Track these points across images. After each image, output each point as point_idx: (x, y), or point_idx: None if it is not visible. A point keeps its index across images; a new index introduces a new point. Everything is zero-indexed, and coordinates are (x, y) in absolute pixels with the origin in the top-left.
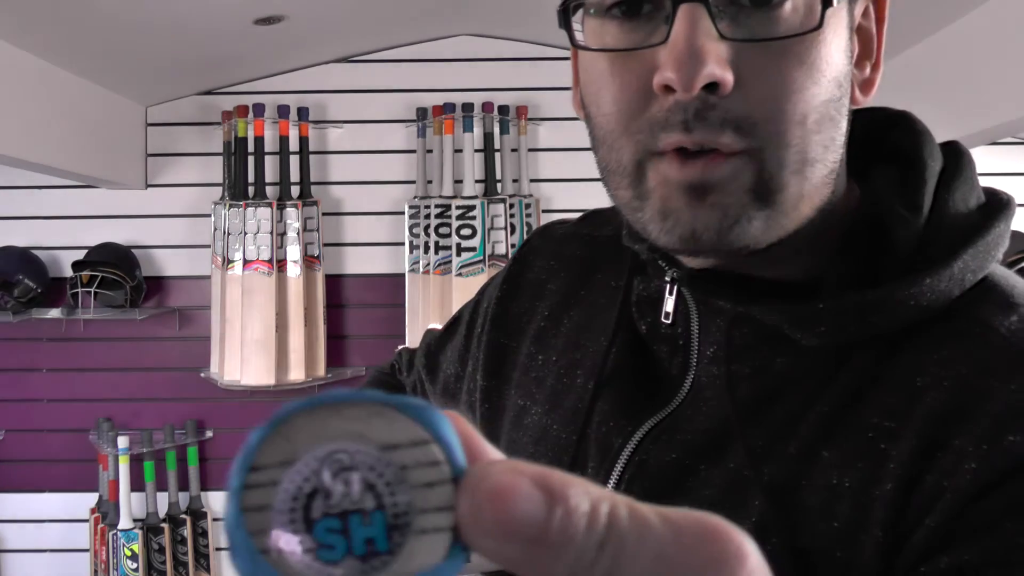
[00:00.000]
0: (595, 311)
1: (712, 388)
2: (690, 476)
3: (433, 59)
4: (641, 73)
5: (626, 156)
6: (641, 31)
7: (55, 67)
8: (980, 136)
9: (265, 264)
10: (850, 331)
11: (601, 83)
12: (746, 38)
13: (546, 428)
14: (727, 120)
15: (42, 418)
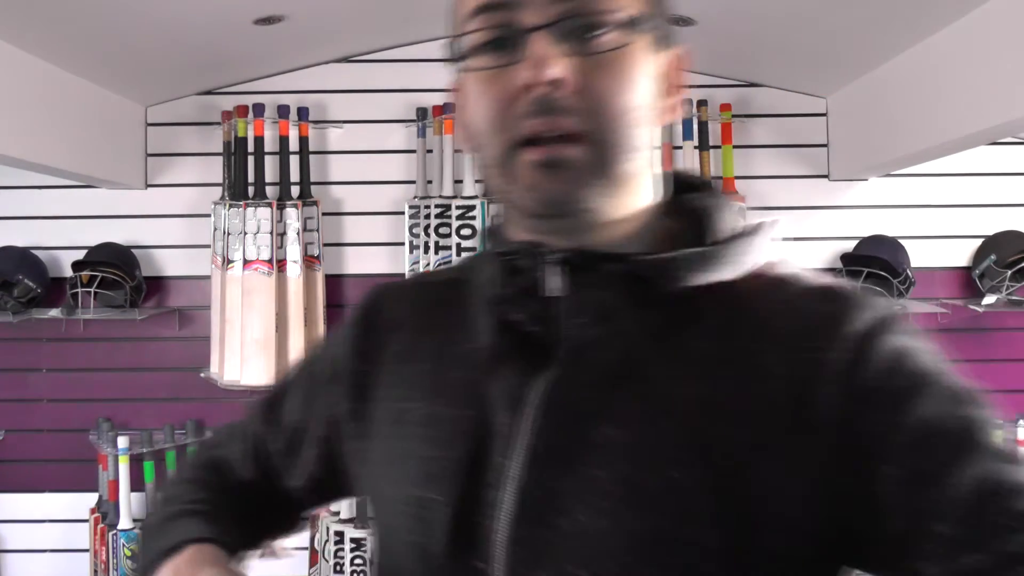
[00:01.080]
0: (457, 326)
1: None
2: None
3: (433, 59)
4: (507, 86)
5: (497, 150)
6: (505, 56)
7: (55, 67)
8: (980, 136)
9: (265, 264)
10: (697, 276)
11: (479, 104)
12: (577, 53)
13: (432, 413)
14: (569, 109)
15: (42, 418)
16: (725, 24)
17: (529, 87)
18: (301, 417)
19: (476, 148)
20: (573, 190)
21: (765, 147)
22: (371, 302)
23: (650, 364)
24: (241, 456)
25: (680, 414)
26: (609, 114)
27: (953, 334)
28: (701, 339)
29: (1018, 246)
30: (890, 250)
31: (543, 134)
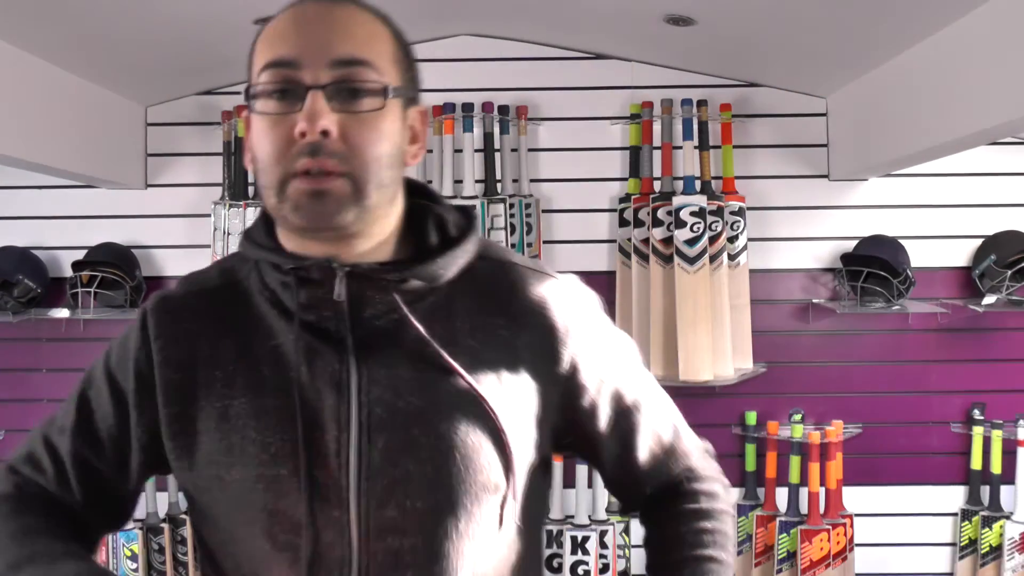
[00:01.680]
0: (250, 327)
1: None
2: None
3: (433, 59)
4: (286, 128)
5: (275, 177)
6: (287, 105)
7: (55, 67)
8: (980, 136)
9: None
10: (437, 275)
11: (263, 137)
12: (343, 111)
13: (262, 405)
14: (334, 153)
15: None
16: (725, 24)
17: (304, 133)
18: (119, 431)
19: (257, 172)
20: (332, 213)
21: (765, 147)
22: (160, 316)
23: (428, 343)
24: (57, 482)
25: (463, 375)
26: (363, 159)
27: (953, 334)
28: (463, 314)
29: (1018, 246)
30: (890, 250)
31: (312, 170)
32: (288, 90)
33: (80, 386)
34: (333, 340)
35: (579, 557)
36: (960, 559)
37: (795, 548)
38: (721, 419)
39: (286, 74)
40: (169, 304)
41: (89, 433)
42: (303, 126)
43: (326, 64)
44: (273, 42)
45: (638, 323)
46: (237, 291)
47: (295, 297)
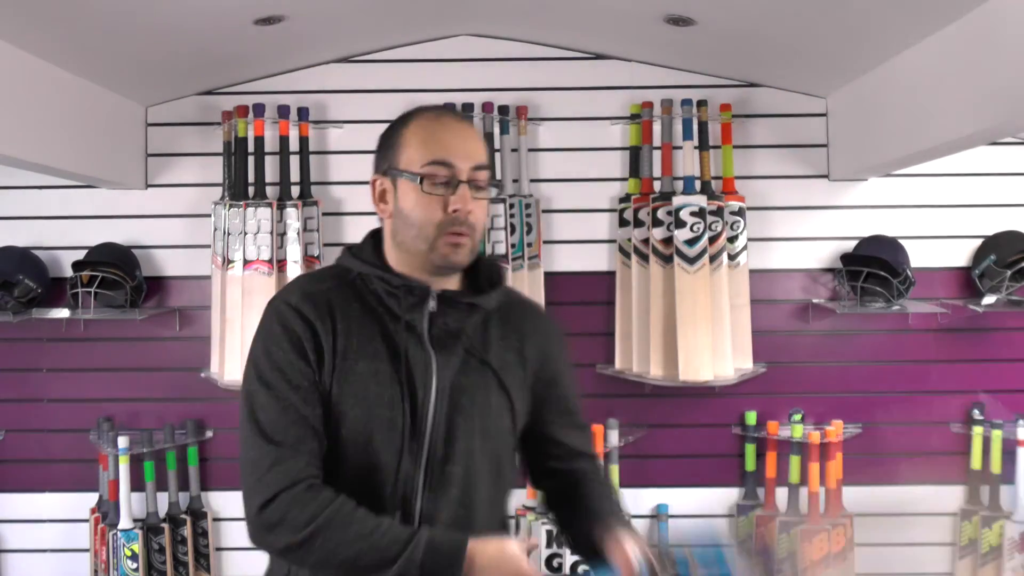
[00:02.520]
0: (368, 317)
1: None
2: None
3: (433, 59)
4: (443, 203)
5: (432, 233)
6: (445, 189)
7: (55, 67)
8: (981, 136)
9: (265, 264)
10: (487, 305)
11: (425, 207)
12: (474, 198)
13: (375, 368)
14: (469, 224)
15: (42, 418)
16: (725, 24)
17: (456, 210)
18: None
19: (406, 225)
20: (462, 259)
21: (765, 147)
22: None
23: (478, 344)
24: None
25: (493, 368)
26: (479, 229)
27: (953, 334)
28: (494, 329)
29: (1018, 246)
30: (890, 250)
31: (459, 230)
32: (448, 181)
33: (259, 380)
34: (417, 335)
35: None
36: (960, 559)
37: (795, 548)
38: (721, 419)
39: (447, 172)
40: (309, 298)
41: (310, 406)
42: (457, 205)
43: (470, 167)
44: (433, 145)
45: (638, 323)
46: (351, 291)
47: (402, 303)
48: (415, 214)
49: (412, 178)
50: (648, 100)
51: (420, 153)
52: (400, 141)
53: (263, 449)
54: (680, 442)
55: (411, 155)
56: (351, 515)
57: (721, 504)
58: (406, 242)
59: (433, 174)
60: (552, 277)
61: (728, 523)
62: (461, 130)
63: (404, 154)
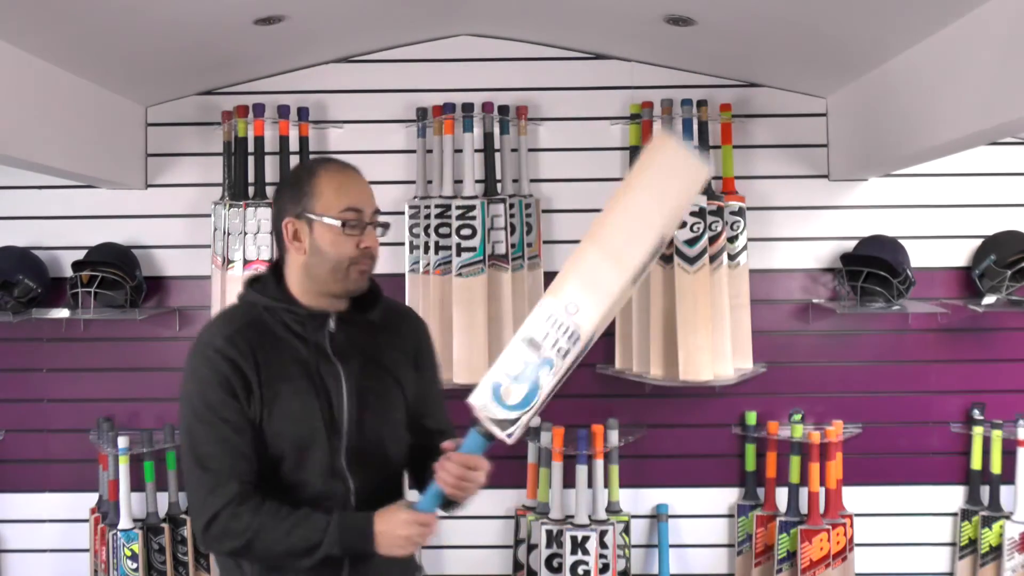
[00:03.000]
0: (281, 346)
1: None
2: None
3: (433, 59)
4: (354, 242)
5: (344, 265)
6: (356, 231)
7: (55, 67)
8: (980, 136)
9: (265, 264)
10: (377, 316)
11: (340, 244)
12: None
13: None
14: (372, 257)
15: (42, 418)
16: (725, 24)
17: (367, 248)
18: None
19: (319, 260)
20: (364, 285)
21: (765, 147)
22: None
23: (372, 351)
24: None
25: (385, 367)
26: (375, 260)
27: (953, 334)
28: (382, 335)
29: (1018, 246)
30: (890, 250)
31: (364, 263)
32: (357, 224)
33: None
34: (324, 352)
35: (579, 557)
36: (960, 559)
37: (795, 548)
38: (721, 419)
39: (357, 216)
40: (230, 340)
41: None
42: (367, 243)
43: (372, 211)
44: (345, 195)
45: (638, 323)
46: (262, 325)
47: (307, 328)
48: (333, 251)
49: (333, 221)
50: (648, 100)
51: (336, 201)
52: (313, 190)
53: (202, 477)
54: (680, 442)
55: (327, 203)
56: (276, 515)
57: (721, 504)
58: (320, 275)
59: (348, 219)
60: (552, 277)
61: (728, 523)
62: (362, 181)
63: (319, 201)
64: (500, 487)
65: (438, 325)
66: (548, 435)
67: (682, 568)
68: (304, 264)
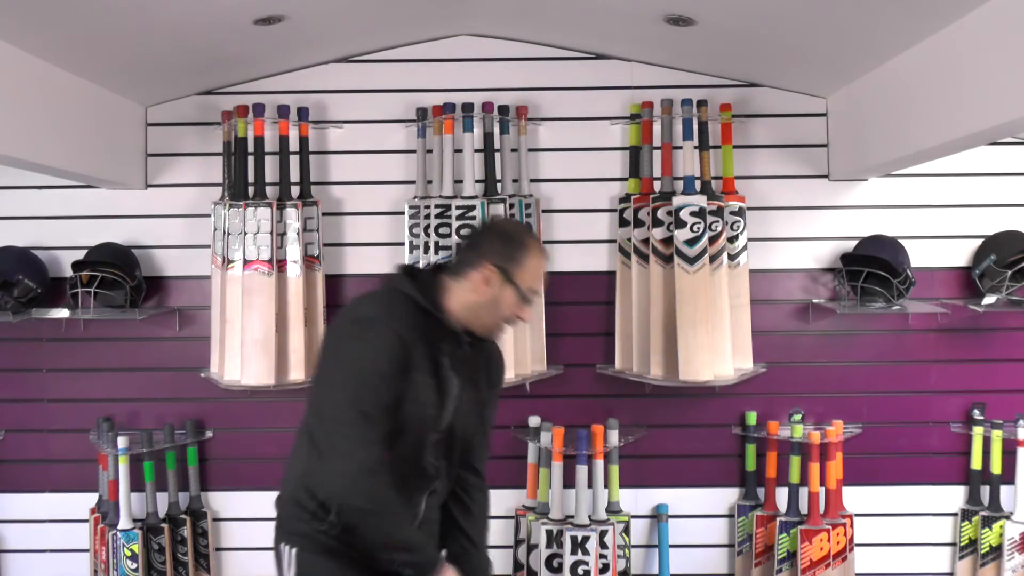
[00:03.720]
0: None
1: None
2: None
3: (433, 59)
4: (518, 309)
5: (501, 321)
6: (526, 302)
7: (55, 67)
8: (980, 136)
9: (265, 264)
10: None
11: (511, 305)
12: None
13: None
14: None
15: (42, 418)
16: (725, 24)
17: (523, 318)
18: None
19: (485, 306)
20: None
21: (765, 147)
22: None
23: (473, 374)
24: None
25: (478, 389)
26: None
27: (953, 334)
28: (481, 362)
29: (1018, 246)
30: (890, 250)
31: (512, 323)
32: (530, 300)
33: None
34: (447, 360)
35: (579, 557)
36: (960, 559)
37: (795, 548)
38: (721, 419)
39: (534, 295)
40: (405, 323)
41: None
42: (525, 316)
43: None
44: (539, 277)
45: (638, 323)
46: (418, 317)
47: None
48: (504, 309)
49: (519, 294)
50: (648, 100)
51: (531, 280)
52: (522, 261)
53: (362, 430)
54: (680, 442)
55: (523, 276)
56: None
57: (721, 504)
58: (481, 316)
59: (529, 296)
60: (552, 277)
61: (728, 523)
62: (545, 263)
63: (521, 273)
64: (500, 487)
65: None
66: (548, 435)
67: (682, 568)
68: (475, 302)
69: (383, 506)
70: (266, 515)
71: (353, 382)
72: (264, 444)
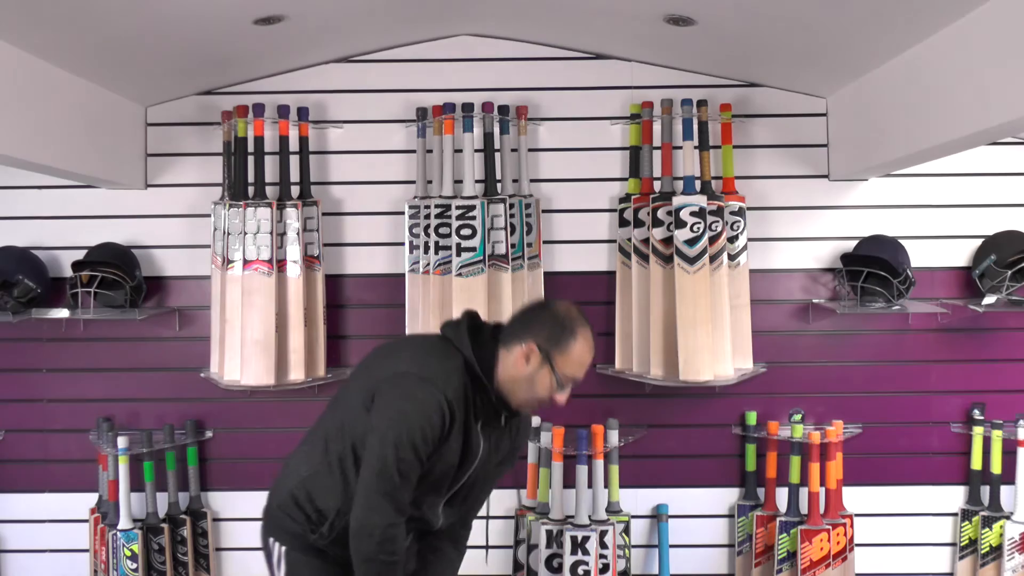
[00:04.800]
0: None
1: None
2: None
3: (433, 59)
4: (553, 390)
5: (538, 400)
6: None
7: (55, 67)
8: (980, 136)
9: (265, 264)
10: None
11: (548, 385)
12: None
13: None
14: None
15: (42, 418)
16: (725, 24)
17: (557, 401)
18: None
19: (523, 384)
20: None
21: (765, 147)
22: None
23: (498, 443)
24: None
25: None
26: None
27: (953, 334)
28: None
29: (1018, 246)
30: (890, 250)
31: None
32: (564, 383)
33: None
34: (479, 427)
35: (579, 557)
36: (960, 559)
37: (795, 548)
38: (721, 419)
39: (572, 382)
40: (456, 395)
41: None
42: (559, 399)
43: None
44: (581, 367)
45: (638, 323)
46: (467, 386)
47: (486, 411)
48: (539, 390)
49: (556, 379)
50: (648, 100)
51: (571, 369)
52: (567, 347)
53: (397, 489)
54: (680, 442)
55: (564, 362)
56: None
57: (721, 504)
58: (515, 391)
59: (565, 383)
60: (552, 277)
61: (728, 523)
62: (590, 356)
63: (563, 360)
64: (500, 487)
65: (438, 325)
66: (548, 435)
67: (682, 568)
68: (513, 376)
69: (397, 557)
70: None
71: (400, 442)
72: (264, 444)
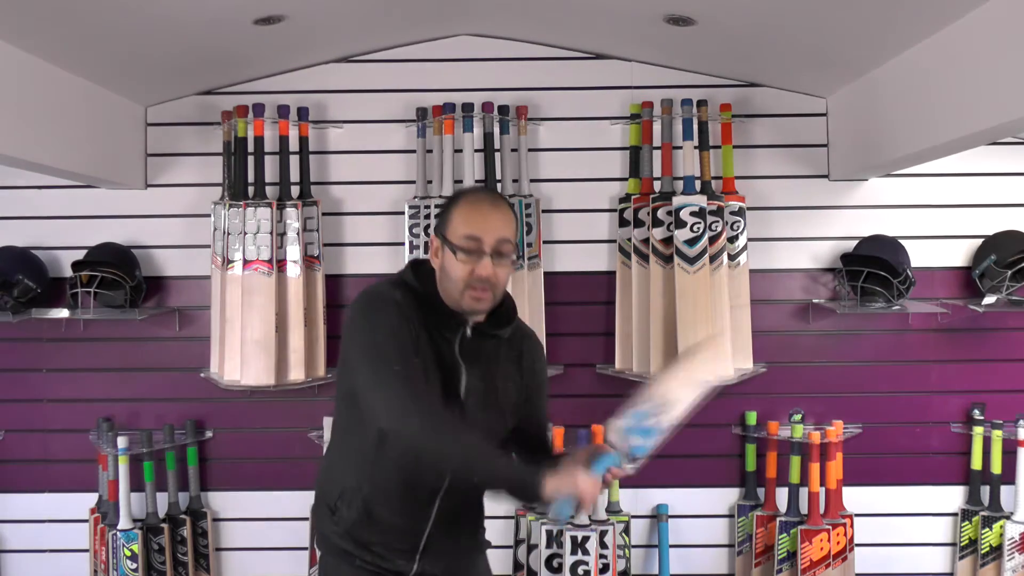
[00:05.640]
0: (428, 330)
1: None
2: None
3: (433, 59)
4: (470, 267)
5: (461, 287)
6: (473, 258)
7: (55, 67)
8: (980, 136)
9: (265, 264)
10: (506, 335)
11: (458, 267)
12: (496, 264)
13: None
14: (489, 284)
15: (42, 418)
16: (725, 24)
17: (479, 275)
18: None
19: (445, 276)
20: (481, 311)
21: (765, 147)
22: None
23: (493, 356)
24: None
25: (500, 377)
26: (499, 288)
27: (953, 334)
28: (503, 349)
29: (1018, 246)
30: (890, 250)
31: (477, 289)
32: (473, 251)
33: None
34: (453, 351)
35: (579, 557)
36: (960, 559)
37: (795, 548)
38: (721, 419)
39: (474, 244)
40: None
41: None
42: (480, 272)
43: (494, 240)
44: (469, 224)
45: (638, 323)
46: (417, 301)
47: (446, 327)
48: (451, 273)
49: (454, 246)
50: (648, 100)
51: (460, 228)
52: (451, 215)
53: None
54: (680, 442)
55: (455, 228)
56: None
57: (721, 504)
58: (447, 290)
59: (465, 247)
60: (552, 277)
61: (728, 523)
62: (492, 211)
63: (451, 226)
64: None
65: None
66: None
67: (682, 568)
68: (438, 279)
69: (439, 417)
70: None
71: (373, 343)
72: (264, 444)
